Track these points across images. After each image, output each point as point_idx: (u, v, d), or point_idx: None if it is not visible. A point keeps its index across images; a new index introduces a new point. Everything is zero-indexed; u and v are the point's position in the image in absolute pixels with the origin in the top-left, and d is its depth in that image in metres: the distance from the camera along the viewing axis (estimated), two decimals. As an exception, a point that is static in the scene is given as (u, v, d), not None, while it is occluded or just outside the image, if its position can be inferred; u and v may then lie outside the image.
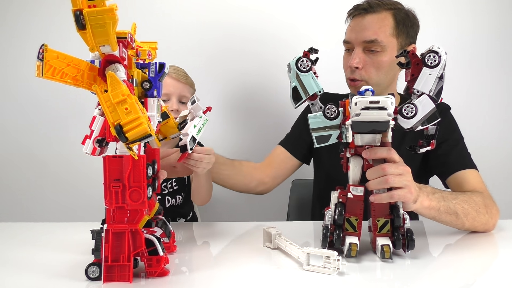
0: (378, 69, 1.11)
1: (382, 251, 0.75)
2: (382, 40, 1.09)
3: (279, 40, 1.66)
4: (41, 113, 1.76)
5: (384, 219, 0.78)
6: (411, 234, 0.76)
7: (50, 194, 1.79)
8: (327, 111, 0.77)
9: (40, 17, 1.73)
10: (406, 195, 0.75)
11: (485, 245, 0.90)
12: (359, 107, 0.70)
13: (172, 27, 1.71)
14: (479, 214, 0.92)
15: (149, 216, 0.72)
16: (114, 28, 0.61)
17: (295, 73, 0.78)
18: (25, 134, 1.78)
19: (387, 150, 0.76)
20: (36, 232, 1.03)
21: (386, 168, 0.74)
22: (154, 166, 0.75)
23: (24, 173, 1.79)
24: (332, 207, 0.79)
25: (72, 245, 0.89)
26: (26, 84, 1.75)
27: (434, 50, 0.75)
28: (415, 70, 0.77)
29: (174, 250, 0.84)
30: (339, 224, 0.77)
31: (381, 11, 1.11)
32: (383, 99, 0.70)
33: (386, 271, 0.74)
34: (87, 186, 1.77)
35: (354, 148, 0.78)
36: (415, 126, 0.76)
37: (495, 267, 0.79)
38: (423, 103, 0.75)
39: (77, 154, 1.75)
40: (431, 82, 0.75)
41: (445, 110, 1.17)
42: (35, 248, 0.89)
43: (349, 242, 0.75)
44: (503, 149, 1.72)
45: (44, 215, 1.79)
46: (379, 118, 0.71)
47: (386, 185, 0.74)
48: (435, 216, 0.87)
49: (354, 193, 0.77)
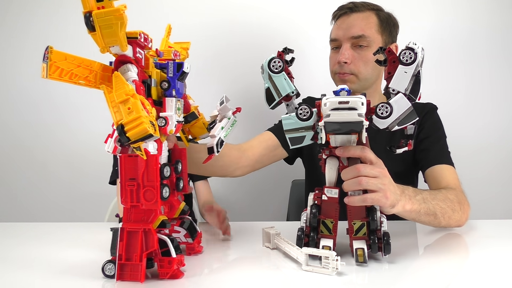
0: (366, 64, 1.16)
1: (356, 255, 0.73)
2: (368, 35, 1.16)
3: (281, 39, 1.66)
4: (41, 113, 1.78)
5: (360, 221, 0.76)
6: (387, 238, 0.74)
7: (50, 194, 1.81)
8: (300, 112, 0.75)
9: (39, 17, 1.75)
10: (380, 199, 0.72)
11: (467, 247, 0.89)
12: (329, 107, 0.68)
13: (174, 27, 1.73)
14: (454, 212, 0.94)
15: (164, 216, 0.71)
16: (122, 29, 0.61)
17: (268, 74, 0.77)
18: (25, 134, 1.80)
19: (361, 148, 0.73)
20: (36, 232, 1.04)
21: (360, 168, 0.72)
22: (177, 166, 0.76)
23: (24, 172, 1.81)
24: (308, 208, 0.78)
25: (80, 243, 0.91)
26: (26, 84, 1.77)
27: (410, 47, 0.72)
28: (391, 67, 0.75)
29: (199, 251, 0.84)
30: (314, 227, 0.76)
31: (365, 10, 1.19)
32: (353, 99, 0.68)
33: (360, 275, 0.72)
34: (87, 186, 1.78)
35: (329, 149, 0.76)
36: (390, 126, 0.74)
37: (475, 268, 0.77)
38: (398, 103, 0.73)
39: (77, 154, 1.81)
40: (406, 80, 0.73)
41: (431, 110, 1.24)
42: (38, 247, 0.90)
43: (323, 245, 0.74)
44: (503, 149, 1.70)
45: (44, 215, 1.81)
46: (350, 119, 0.69)
47: (359, 187, 0.72)
48: (415, 217, 0.87)
49: (328, 195, 0.75)
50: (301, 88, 1.57)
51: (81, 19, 0.62)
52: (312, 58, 1.62)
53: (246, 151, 1.18)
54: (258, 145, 1.21)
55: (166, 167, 0.70)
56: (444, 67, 1.65)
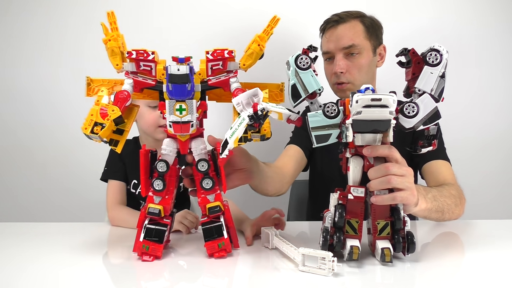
0: (360, 70, 1.24)
1: (383, 255, 0.73)
2: (358, 43, 1.24)
3: (283, 39, 1.65)
4: (40, 113, 1.77)
5: (385, 221, 0.75)
6: (411, 237, 0.74)
7: (49, 194, 1.79)
8: (327, 109, 0.75)
9: (39, 16, 1.74)
10: (408, 197, 0.73)
11: (485, 245, 0.88)
12: (361, 105, 0.68)
13: (173, 26, 1.73)
14: (456, 207, 0.99)
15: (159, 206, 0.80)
16: (110, 54, 0.78)
17: (294, 70, 0.76)
18: (25, 134, 1.78)
19: (388, 148, 0.74)
20: (36, 232, 1.03)
21: (389, 167, 0.72)
22: (180, 161, 0.83)
23: (24, 173, 1.80)
24: (332, 209, 0.77)
25: (80, 243, 0.91)
26: (25, 84, 1.76)
27: (436, 49, 0.73)
28: (416, 69, 0.76)
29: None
30: (340, 227, 0.75)
31: (350, 20, 1.26)
32: (385, 96, 0.68)
33: (386, 274, 0.72)
34: (87, 186, 1.76)
35: (355, 148, 0.76)
36: (416, 125, 0.74)
37: (498, 267, 0.77)
38: (424, 102, 0.74)
39: (77, 154, 1.78)
40: (432, 80, 0.74)
41: None
42: (38, 247, 0.89)
43: (350, 245, 0.73)
44: (503, 149, 1.74)
45: (44, 215, 1.79)
46: (381, 117, 0.69)
47: (388, 185, 0.72)
48: (426, 215, 0.90)
49: (355, 194, 0.75)
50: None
51: (80, 19, 0.63)
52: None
53: (282, 168, 1.21)
54: (289, 160, 1.27)
55: (160, 163, 0.78)
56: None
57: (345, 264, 0.75)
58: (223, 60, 0.79)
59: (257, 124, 0.70)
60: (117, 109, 0.74)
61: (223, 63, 0.79)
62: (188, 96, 0.75)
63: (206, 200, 0.80)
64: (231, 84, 0.80)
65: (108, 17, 0.80)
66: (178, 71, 0.73)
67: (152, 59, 0.78)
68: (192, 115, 0.76)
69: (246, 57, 0.80)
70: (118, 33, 0.80)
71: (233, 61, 0.80)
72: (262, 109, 0.70)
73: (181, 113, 0.76)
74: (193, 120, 0.76)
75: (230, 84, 0.80)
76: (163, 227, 0.79)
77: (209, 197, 0.80)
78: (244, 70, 0.81)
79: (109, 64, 0.79)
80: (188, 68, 0.73)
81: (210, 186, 0.79)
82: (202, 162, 0.79)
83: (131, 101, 0.81)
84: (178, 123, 0.76)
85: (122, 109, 0.77)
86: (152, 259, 0.78)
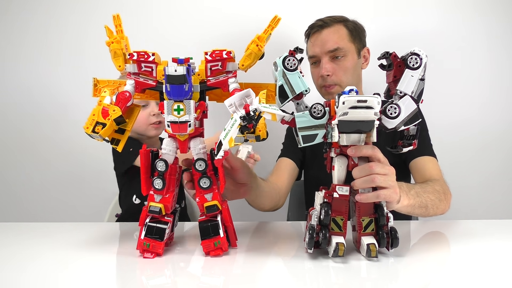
0: (345, 72, 1.29)
1: (369, 250, 0.75)
2: (343, 46, 1.28)
3: (284, 39, 1.67)
4: (41, 111, 1.78)
5: (369, 218, 0.78)
6: (395, 232, 0.77)
7: (49, 194, 1.80)
8: (314, 110, 0.77)
9: (39, 16, 1.75)
10: (391, 195, 0.76)
11: (470, 243, 0.90)
12: (347, 106, 0.70)
13: (175, 28, 1.75)
14: (441, 202, 1.02)
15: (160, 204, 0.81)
16: (113, 56, 0.81)
17: (282, 71, 0.78)
18: (24, 134, 1.79)
19: (372, 148, 0.76)
20: (36, 232, 1.03)
21: (373, 166, 0.75)
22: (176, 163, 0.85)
23: (23, 173, 1.81)
24: (318, 207, 0.79)
25: (79, 244, 0.91)
26: (26, 81, 1.77)
27: (416, 53, 0.77)
28: (397, 72, 0.79)
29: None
30: (325, 224, 0.77)
31: (334, 24, 1.30)
32: (370, 98, 0.70)
33: (371, 269, 0.74)
34: (87, 186, 1.78)
35: (339, 148, 0.78)
36: (398, 126, 0.78)
37: (481, 260, 0.80)
38: (406, 104, 0.77)
39: (77, 155, 1.78)
40: (413, 83, 0.77)
41: None
42: (38, 247, 0.89)
43: (336, 242, 0.75)
44: (503, 150, 1.77)
45: (44, 215, 1.80)
46: (366, 118, 0.72)
47: (372, 184, 0.75)
48: (410, 211, 0.92)
49: (340, 193, 0.77)
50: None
51: (80, 17, 0.65)
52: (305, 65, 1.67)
53: (277, 182, 1.24)
54: (283, 173, 1.31)
55: (160, 162, 0.80)
56: (445, 67, 1.72)
57: (330, 260, 0.77)
58: (222, 61, 0.81)
59: (251, 124, 0.71)
60: (118, 109, 0.77)
61: (222, 63, 0.81)
62: (185, 96, 0.77)
63: (204, 199, 0.82)
64: (229, 85, 0.81)
65: (114, 20, 0.83)
66: (175, 71, 0.74)
67: (153, 61, 0.80)
68: (189, 115, 0.78)
69: (245, 58, 0.81)
70: (122, 35, 0.82)
71: (232, 61, 0.82)
72: (254, 110, 0.71)
73: (179, 113, 0.77)
74: (190, 120, 0.78)
75: (229, 85, 0.81)
76: (164, 225, 0.81)
77: (207, 196, 0.82)
78: (243, 70, 0.82)
79: (109, 62, 0.82)
80: (185, 69, 0.74)
81: (208, 185, 0.81)
82: (200, 162, 0.81)
83: (132, 101, 0.83)
84: (176, 123, 0.78)
85: (124, 109, 0.80)
86: (153, 256, 0.80)
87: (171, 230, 0.85)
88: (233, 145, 0.73)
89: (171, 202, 0.82)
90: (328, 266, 0.75)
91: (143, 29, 1.70)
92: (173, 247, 0.87)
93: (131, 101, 0.82)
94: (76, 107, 1.74)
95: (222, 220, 0.82)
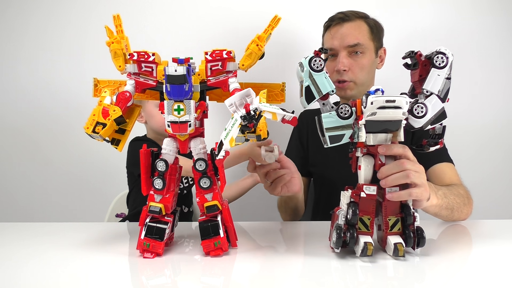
0: (362, 70, 1.26)
1: (396, 249, 0.76)
2: (363, 43, 1.25)
3: (285, 39, 1.68)
4: (40, 111, 1.76)
5: (395, 217, 0.79)
6: (421, 232, 0.78)
7: (49, 194, 1.79)
8: (341, 110, 0.77)
9: (38, 16, 1.73)
10: (423, 193, 0.76)
11: (492, 243, 0.91)
12: (375, 106, 0.71)
13: (174, 26, 1.73)
14: (465, 206, 1.01)
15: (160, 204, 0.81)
16: (113, 56, 0.80)
17: (308, 72, 0.78)
18: (24, 134, 1.77)
19: (402, 147, 0.77)
20: (36, 232, 1.02)
21: (404, 163, 0.75)
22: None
23: (23, 173, 1.79)
24: (345, 206, 0.79)
25: (79, 244, 0.90)
26: (26, 83, 1.75)
27: (442, 52, 0.77)
28: (423, 71, 0.79)
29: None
30: (353, 224, 0.77)
31: (356, 19, 1.27)
32: (399, 98, 0.70)
33: (398, 268, 0.74)
34: (87, 186, 1.77)
35: (366, 148, 0.79)
36: (424, 125, 0.78)
37: (508, 260, 0.80)
38: (432, 103, 0.77)
39: (77, 155, 1.77)
40: (439, 82, 0.77)
41: None
42: (38, 247, 0.88)
43: (364, 242, 0.76)
44: (503, 149, 1.78)
45: (44, 215, 1.79)
46: (394, 117, 0.72)
47: (406, 180, 0.75)
48: (437, 212, 0.91)
49: (367, 192, 0.77)
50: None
51: (80, 16, 0.64)
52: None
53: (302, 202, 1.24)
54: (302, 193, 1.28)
55: (160, 162, 0.80)
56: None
57: (358, 259, 0.77)
58: (222, 61, 0.81)
59: (251, 124, 0.71)
60: (118, 109, 0.77)
61: (222, 63, 0.81)
62: (185, 96, 0.77)
63: (204, 199, 0.82)
64: (229, 84, 0.81)
65: (114, 20, 0.82)
66: (175, 71, 0.74)
67: (153, 61, 0.80)
68: (190, 115, 0.78)
69: (245, 58, 0.81)
70: (122, 36, 0.82)
71: (232, 61, 0.82)
72: (254, 110, 0.71)
73: (179, 113, 0.77)
74: (190, 120, 0.78)
75: (229, 85, 0.81)
76: (164, 225, 0.81)
77: (207, 196, 0.82)
78: (244, 70, 0.82)
79: (110, 62, 0.81)
80: (185, 69, 0.74)
81: (208, 185, 0.81)
82: (200, 162, 0.81)
83: (133, 102, 0.83)
84: (176, 123, 0.78)
85: (124, 109, 0.80)
86: (153, 256, 0.80)
87: (171, 230, 0.85)
88: (234, 145, 0.72)
89: (171, 202, 0.82)
90: (355, 265, 0.75)
91: (143, 29, 1.69)
92: (173, 247, 0.87)
93: (132, 101, 0.82)
94: (76, 107, 1.73)
95: (222, 220, 0.82)
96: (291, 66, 1.56)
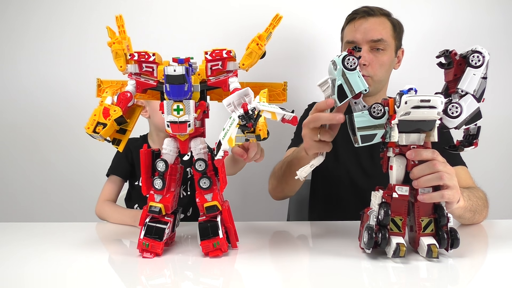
0: (381, 67, 1.23)
1: (430, 251, 0.75)
2: (386, 39, 1.23)
3: (286, 38, 1.66)
4: (40, 111, 1.75)
5: (428, 218, 0.77)
6: (455, 233, 0.76)
7: (49, 194, 1.78)
8: (373, 110, 0.76)
9: (39, 16, 1.73)
10: (455, 195, 0.75)
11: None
12: (410, 105, 0.70)
13: (175, 26, 1.73)
14: (484, 208, 1.01)
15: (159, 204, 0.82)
16: (114, 57, 0.81)
17: (341, 71, 0.77)
18: (24, 134, 1.76)
19: (432, 151, 0.76)
20: (36, 232, 1.02)
21: (437, 164, 0.74)
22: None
23: (23, 173, 1.78)
24: (376, 207, 0.78)
25: (79, 244, 0.90)
26: (26, 82, 1.74)
27: (478, 51, 0.75)
28: (458, 70, 0.77)
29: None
30: (385, 225, 0.77)
31: (380, 15, 1.25)
32: (434, 98, 0.69)
33: (431, 270, 0.73)
34: (87, 187, 1.76)
35: (399, 148, 0.78)
36: (459, 125, 0.76)
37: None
38: (467, 103, 0.75)
39: (77, 155, 1.77)
40: (475, 82, 0.75)
41: None
42: (38, 247, 0.88)
43: (397, 243, 0.75)
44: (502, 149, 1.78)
45: (44, 215, 1.78)
46: (429, 117, 0.71)
47: (439, 182, 0.74)
48: (461, 214, 0.91)
49: (399, 193, 0.76)
50: (310, 92, 1.61)
51: (80, 16, 0.64)
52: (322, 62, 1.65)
53: None
54: None
55: (160, 162, 0.81)
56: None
57: (390, 260, 0.76)
58: (222, 60, 0.80)
59: (250, 124, 0.70)
60: (118, 110, 0.78)
61: (223, 63, 0.80)
62: (185, 96, 0.76)
63: (204, 199, 0.81)
64: (229, 84, 0.80)
65: (117, 21, 0.82)
66: (174, 71, 0.74)
67: (153, 61, 0.80)
68: (189, 115, 0.77)
69: (245, 57, 0.80)
70: (124, 36, 0.82)
71: (232, 61, 0.81)
72: (252, 109, 0.70)
73: (179, 113, 0.77)
74: (190, 120, 0.77)
75: (229, 84, 0.80)
76: (163, 225, 0.81)
77: (207, 196, 0.81)
78: (244, 70, 0.81)
79: (110, 62, 0.81)
80: (184, 69, 0.74)
81: (208, 186, 0.80)
82: (200, 162, 0.80)
83: (134, 102, 0.83)
84: (175, 123, 0.78)
85: (125, 110, 0.80)
86: (152, 256, 0.80)
87: (171, 230, 0.85)
88: (233, 144, 0.71)
89: (171, 202, 0.82)
90: (387, 266, 0.74)
91: (143, 29, 1.67)
92: (173, 247, 0.87)
93: (133, 101, 0.82)
94: (76, 107, 1.72)
95: (222, 221, 0.81)
96: (292, 66, 1.56)
